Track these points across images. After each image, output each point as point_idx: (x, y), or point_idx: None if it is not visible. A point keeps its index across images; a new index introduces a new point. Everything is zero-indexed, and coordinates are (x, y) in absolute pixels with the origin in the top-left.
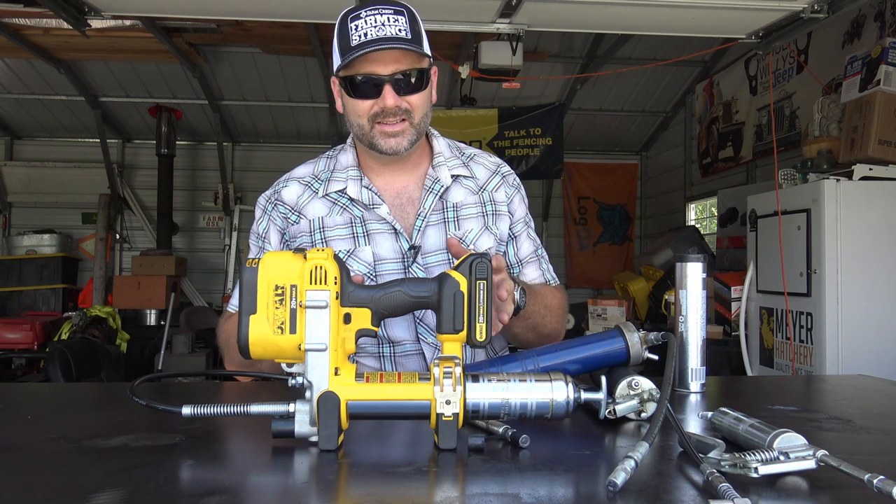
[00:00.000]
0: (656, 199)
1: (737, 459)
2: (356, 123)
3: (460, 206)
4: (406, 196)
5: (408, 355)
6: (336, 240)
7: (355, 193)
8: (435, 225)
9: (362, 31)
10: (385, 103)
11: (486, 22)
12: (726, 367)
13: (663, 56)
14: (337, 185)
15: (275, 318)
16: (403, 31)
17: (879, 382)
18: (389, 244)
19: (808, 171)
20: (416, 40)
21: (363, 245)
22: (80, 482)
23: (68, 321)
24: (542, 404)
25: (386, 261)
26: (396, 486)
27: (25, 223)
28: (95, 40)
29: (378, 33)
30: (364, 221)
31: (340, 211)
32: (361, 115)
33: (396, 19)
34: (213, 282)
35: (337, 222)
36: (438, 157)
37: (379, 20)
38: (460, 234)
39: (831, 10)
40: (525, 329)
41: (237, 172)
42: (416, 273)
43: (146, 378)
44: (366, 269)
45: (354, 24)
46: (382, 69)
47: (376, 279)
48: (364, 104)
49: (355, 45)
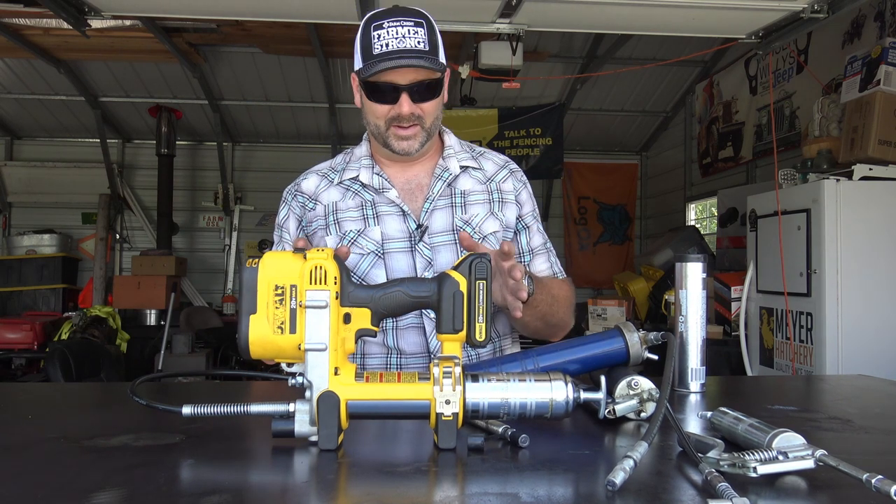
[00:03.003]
0: (656, 199)
1: (736, 459)
2: (373, 123)
3: (468, 193)
4: (415, 183)
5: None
6: (347, 220)
7: (367, 179)
8: (442, 209)
9: (384, 41)
10: (401, 110)
11: (486, 22)
12: (726, 367)
13: (663, 56)
14: (351, 174)
15: (275, 318)
16: (422, 42)
17: (879, 382)
18: (397, 224)
19: (808, 171)
20: (433, 52)
21: (373, 225)
22: (80, 482)
23: (68, 321)
24: (542, 404)
25: (393, 240)
26: (396, 485)
27: (25, 223)
28: (95, 40)
29: (399, 45)
30: (374, 204)
31: (353, 195)
32: (379, 117)
33: (416, 31)
34: (213, 282)
35: (349, 205)
36: (449, 150)
37: (400, 32)
38: (467, 217)
39: (831, 10)
40: (534, 317)
41: (237, 172)
42: (422, 251)
43: (147, 378)
44: (374, 246)
45: (377, 32)
46: (400, 79)
47: (384, 257)
48: (381, 108)
49: (377, 53)
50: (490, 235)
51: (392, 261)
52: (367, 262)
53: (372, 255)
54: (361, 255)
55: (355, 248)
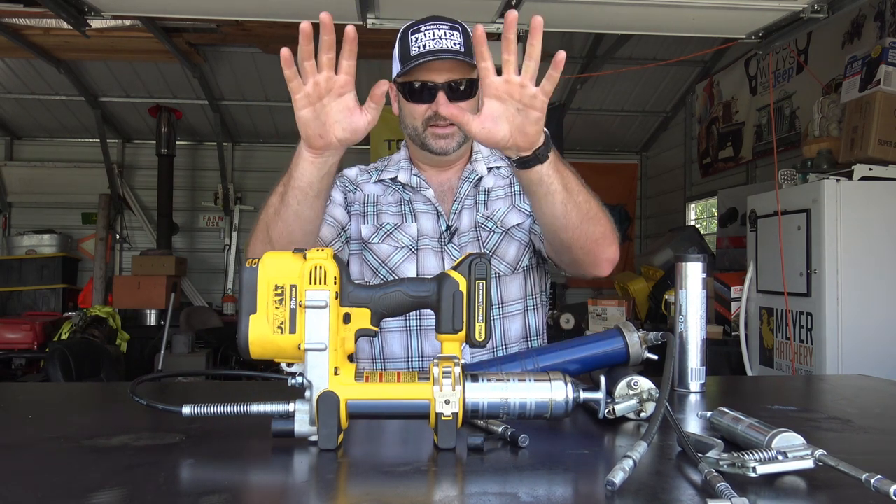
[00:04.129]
0: (656, 199)
1: (735, 459)
2: (411, 125)
3: (491, 190)
4: (447, 185)
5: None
6: (385, 213)
7: (405, 179)
8: (468, 209)
9: (421, 42)
10: (438, 108)
11: (486, 22)
12: (726, 367)
13: (663, 56)
14: (389, 174)
15: (274, 318)
16: (458, 44)
17: (879, 382)
18: (431, 224)
19: (808, 171)
20: (468, 54)
21: (410, 221)
22: (80, 482)
23: (68, 321)
24: (542, 404)
25: (426, 237)
26: (396, 485)
27: (25, 223)
28: (95, 40)
29: (436, 45)
30: (412, 202)
31: (392, 192)
32: (417, 117)
33: (452, 34)
34: (213, 282)
35: (389, 200)
36: (477, 154)
37: (437, 34)
38: (488, 212)
39: (831, 10)
40: (560, 187)
41: (237, 172)
42: (451, 252)
43: (147, 378)
44: (409, 241)
45: (415, 36)
46: (437, 77)
47: (417, 253)
48: (419, 108)
49: (415, 54)
50: (514, 228)
51: (424, 258)
52: (399, 256)
53: (405, 250)
54: (395, 248)
55: (390, 241)
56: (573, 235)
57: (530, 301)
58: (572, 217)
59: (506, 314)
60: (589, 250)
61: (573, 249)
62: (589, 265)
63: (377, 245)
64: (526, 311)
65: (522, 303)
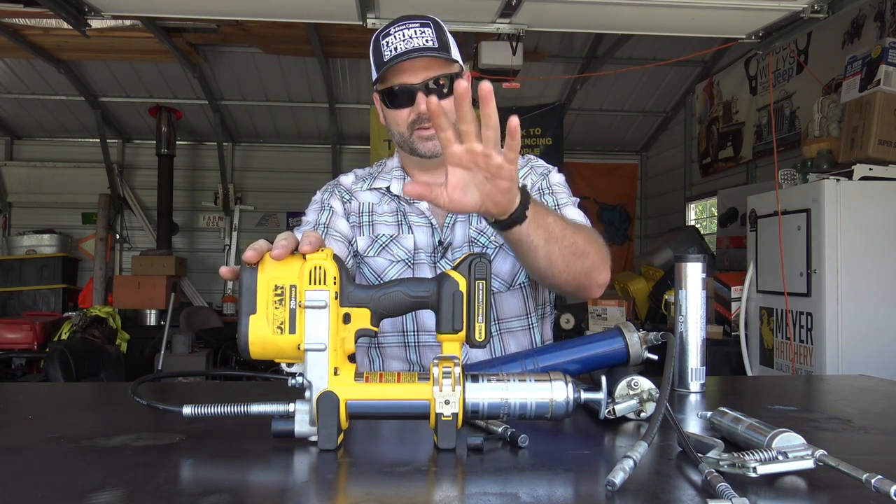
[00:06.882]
0: (656, 199)
1: (735, 459)
2: (397, 132)
3: None
4: None
5: None
6: (382, 224)
7: (398, 190)
8: (462, 221)
9: (392, 45)
10: (419, 109)
11: (486, 22)
12: (726, 367)
13: (663, 56)
14: (382, 183)
15: (274, 318)
16: (430, 41)
17: (879, 382)
18: (425, 237)
19: (808, 171)
20: (443, 48)
21: (406, 233)
22: (80, 482)
23: (68, 321)
24: (542, 404)
25: (421, 251)
26: (396, 485)
27: (25, 223)
28: (95, 40)
29: (406, 46)
30: (406, 214)
31: (388, 201)
32: (401, 123)
33: (423, 31)
34: (213, 282)
35: (385, 210)
36: None
37: (406, 34)
38: (481, 226)
39: (831, 10)
40: (542, 235)
41: (237, 172)
42: (444, 267)
43: (147, 378)
44: (405, 255)
45: (385, 41)
46: (413, 78)
47: (413, 267)
48: (401, 113)
49: (387, 59)
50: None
51: (419, 273)
52: (395, 270)
53: (402, 264)
54: (391, 262)
55: (385, 254)
56: (561, 279)
57: (533, 318)
58: (558, 264)
59: (503, 330)
60: (579, 284)
61: (561, 287)
62: (581, 294)
63: (373, 258)
64: (531, 329)
65: (525, 320)
